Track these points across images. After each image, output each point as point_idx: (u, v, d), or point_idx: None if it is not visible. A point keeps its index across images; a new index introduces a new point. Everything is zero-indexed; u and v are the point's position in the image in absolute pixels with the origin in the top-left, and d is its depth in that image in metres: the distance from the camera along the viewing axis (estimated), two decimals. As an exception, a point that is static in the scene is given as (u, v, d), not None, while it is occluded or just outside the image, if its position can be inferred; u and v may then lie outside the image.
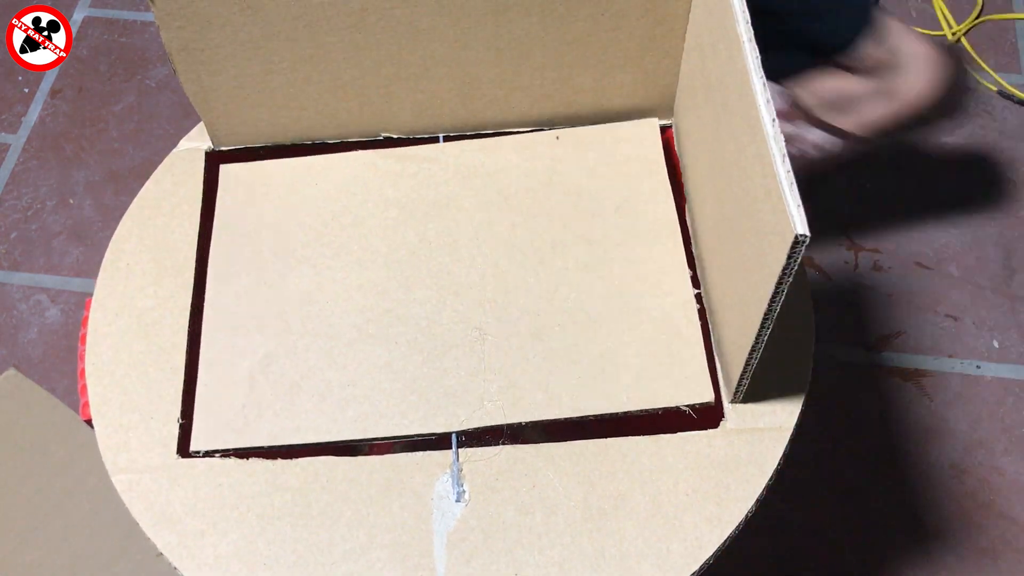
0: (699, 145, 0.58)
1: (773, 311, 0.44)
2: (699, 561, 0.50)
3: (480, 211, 0.62)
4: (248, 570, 0.50)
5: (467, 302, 0.58)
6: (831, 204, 1.06)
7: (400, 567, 0.50)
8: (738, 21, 0.46)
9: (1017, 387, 0.94)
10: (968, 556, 0.85)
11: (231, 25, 0.57)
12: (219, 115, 0.64)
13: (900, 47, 0.76)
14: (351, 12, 0.57)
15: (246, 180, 0.64)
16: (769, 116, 0.42)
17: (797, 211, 0.39)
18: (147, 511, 0.51)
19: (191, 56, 0.59)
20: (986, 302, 0.99)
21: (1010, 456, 0.90)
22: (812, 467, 0.90)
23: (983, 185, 1.07)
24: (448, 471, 0.52)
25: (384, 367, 0.56)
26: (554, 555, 0.50)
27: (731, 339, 0.52)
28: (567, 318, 0.57)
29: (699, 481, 0.52)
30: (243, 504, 0.52)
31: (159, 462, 0.53)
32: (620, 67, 0.62)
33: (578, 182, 0.63)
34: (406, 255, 0.61)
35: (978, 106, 1.13)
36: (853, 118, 0.79)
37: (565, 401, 0.54)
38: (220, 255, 0.61)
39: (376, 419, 0.54)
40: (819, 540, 0.87)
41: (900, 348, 0.97)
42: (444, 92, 0.63)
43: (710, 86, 0.53)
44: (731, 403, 0.54)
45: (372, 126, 0.66)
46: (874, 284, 1.01)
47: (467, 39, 0.60)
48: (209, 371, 0.56)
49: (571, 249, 0.60)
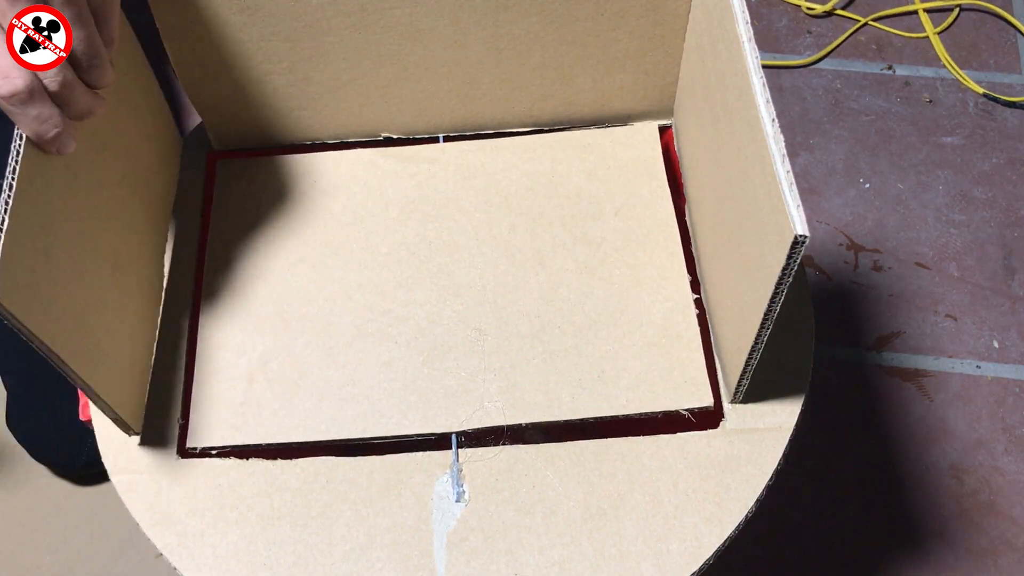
0: (699, 145, 0.58)
1: (773, 311, 0.44)
2: (699, 561, 0.50)
3: (480, 212, 0.62)
4: (248, 570, 0.50)
5: (467, 302, 0.58)
6: (831, 204, 1.06)
7: (400, 567, 0.50)
8: (738, 21, 0.46)
9: (1017, 387, 0.94)
10: (968, 556, 0.85)
11: (231, 25, 0.57)
12: (219, 115, 0.64)
13: None
14: (351, 12, 0.57)
15: (245, 179, 0.64)
16: (769, 116, 0.42)
17: (797, 211, 0.39)
18: (147, 511, 0.51)
19: (190, 56, 0.59)
20: (986, 302, 0.99)
21: (1010, 456, 0.90)
22: (812, 467, 0.90)
23: (983, 185, 1.07)
24: (448, 471, 0.52)
25: (384, 367, 0.56)
26: (554, 555, 0.50)
27: (731, 339, 0.52)
28: (567, 320, 0.57)
29: (699, 481, 0.52)
30: (243, 504, 0.52)
31: (159, 462, 0.53)
32: (620, 67, 0.62)
33: (578, 184, 0.63)
34: (406, 255, 0.61)
35: (978, 106, 1.13)
36: None
37: (565, 403, 0.54)
38: (218, 254, 0.61)
39: (376, 419, 0.54)
40: (819, 540, 0.87)
41: (900, 348, 0.97)
42: (444, 92, 0.63)
43: (710, 86, 0.53)
44: (731, 403, 0.54)
45: (372, 126, 0.66)
46: (874, 284, 1.01)
47: (467, 39, 0.60)
48: (207, 369, 0.56)
49: (571, 250, 0.60)
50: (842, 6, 1.21)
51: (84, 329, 0.47)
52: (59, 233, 0.45)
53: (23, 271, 0.41)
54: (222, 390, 0.56)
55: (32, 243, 0.42)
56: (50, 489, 0.88)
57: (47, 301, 0.43)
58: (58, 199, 0.45)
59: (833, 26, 1.20)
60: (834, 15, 1.21)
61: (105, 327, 0.50)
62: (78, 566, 0.85)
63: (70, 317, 0.45)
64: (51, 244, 0.44)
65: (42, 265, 0.43)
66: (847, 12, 1.20)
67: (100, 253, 0.50)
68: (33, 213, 0.42)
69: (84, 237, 0.48)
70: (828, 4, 1.20)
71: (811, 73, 1.17)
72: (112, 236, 0.52)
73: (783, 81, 1.16)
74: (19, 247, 0.41)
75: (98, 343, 0.48)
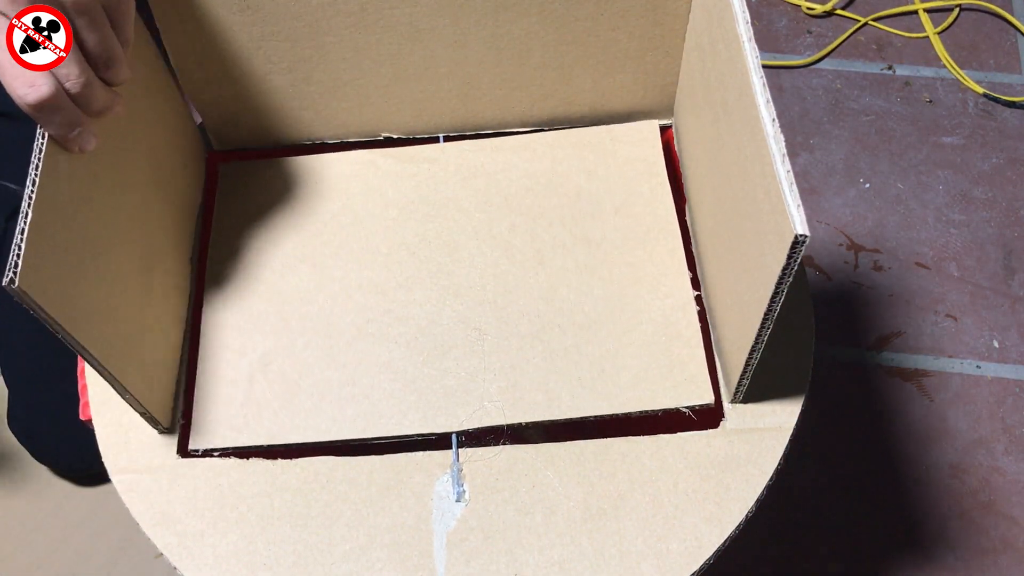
0: (699, 145, 0.58)
1: (773, 311, 0.44)
2: (699, 561, 0.50)
3: (480, 211, 0.62)
4: (248, 570, 0.50)
5: (467, 302, 0.58)
6: (831, 204, 1.06)
7: (400, 567, 0.50)
8: (738, 21, 0.46)
9: (1017, 387, 0.94)
10: (968, 556, 0.85)
11: (231, 25, 0.57)
12: (219, 115, 0.64)
13: None
14: (351, 12, 0.57)
15: (245, 179, 0.64)
16: (769, 116, 0.42)
17: (797, 211, 0.39)
18: (147, 511, 0.51)
19: (191, 56, 0.59)
20: (986, 302, 0.99)
21: (1010, 456, 0.90)
22: (812, 467, 0.90)
23: (983, 185, 1.07)
24: (448, 471, 0.52)
25: (384, 367, 0.56)
26: (554, 555, 0.50)
27: (731, 339, 0.52)
28: (567, 319, 0.57)
29: (699, 481, 0.52)
30: (243, 504, 0.52)
31: (159, 462, 0.53)
32: (620, 67, 0.62)
33: (578, 183, 0.63)
34: (406, 255, 0.60)
35: (978, 106, 1.13)
36: None
37: (565, 402, 0.54)
38: (219, 254, 0.61)
39: (376, 419, 0.54)
40: (819, 540, 0.87)
41: (900, 348, 0.97)
42: (444, 92, 0.63)
43: (710, 86, 0.53)
44: (731, 403, 0.54)
45: (372, 126, 0.66)
46: (874, 284, 1.01)
47: (467, 39, 0.60)
48: (208, 370, 0.56)
49: (571, 250, 0.60)
50: (842, 6, 1.21)
51: (111, 324, 0.47)
52: (83, 230, 0.46)
53: (47, 263, 0.42)
54: (223, 390, 0.56)
55: (55, 237, 0.43)
56: (50, 489, 0.88)
57: (73, 295, 0.44)
58: (81, 197, 0.46)
59: (833, 26, 1.20)
60: (834, 15, 1.21)
61: (133, 323, 0.50)
62: (78, 566, 0.85)
63: (97, 312, 0.46)
64: (74, 240, 0.45)
65: (67, 259, 0.44)
66: (847, 12, 1.20)
67: (126, 251, 0.51)
68: (56, 208, 0.43)
69: (109, 235, 0.49)
70: (828, 4, 1.20)
71: (811, 73, 1.17)
72: (138, 235, 0.52)
73: (783, 81, 1.16)
74: (43, 240, 0.42)
75: (126, 338, 0.49)
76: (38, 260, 0.41)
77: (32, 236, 0.41)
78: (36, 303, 0.40)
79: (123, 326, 0.49)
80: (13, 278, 0.39)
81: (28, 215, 0.41)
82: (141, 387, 0.50)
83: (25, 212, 0.41)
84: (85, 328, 0.44)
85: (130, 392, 0.48)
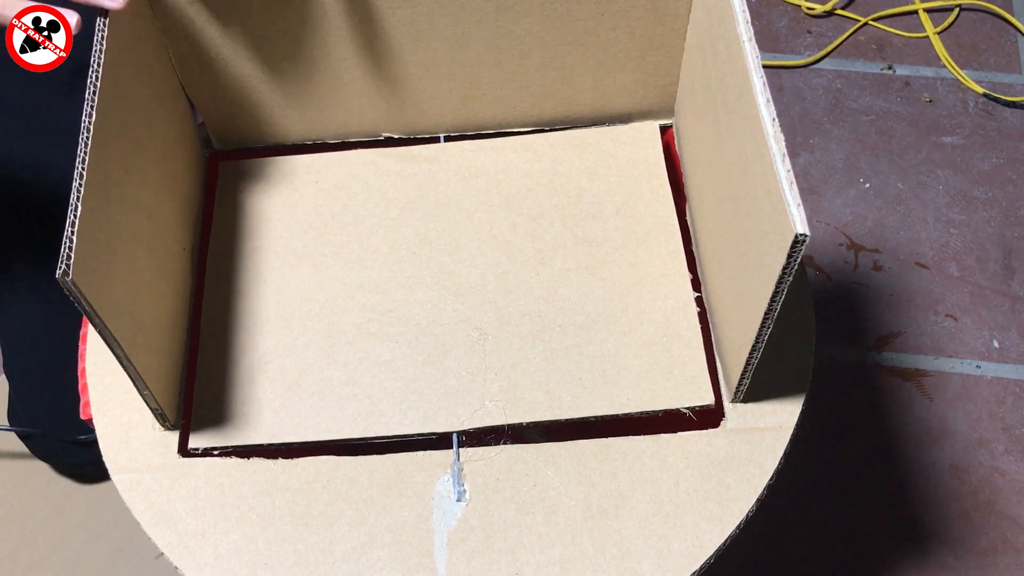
0: (699, 145, 0.58)
1: (773, 311, 0.44)
2: (700, 560, 0.50)
3: (481, 211, 0.62)
4: (248, 570, 0.50)
5: (468, 302, 0.58)
6: (831, 204, 1.06)
7: (401, 567, 0.50)
8: (738, 21, 0.46)
9: (1017, 387, 0.94)
10: (968, 556, 0.85)
11: (231, 25, 0.57)
12: (220, 115, 0.64)
13: None
14: (351, 12, 0.57)
15: (246, 178, 0.64)
16: (769, 116, 0.42)
17: (797, 211, 0.39)
18: (147, 511, 0.51)
19: (192, 56, 0.59)
20: (986, 302, 0.99)
21: (1010, 456, 0.90)
22: (812, 467, 0.90)
23: (983, 185, 1.07)
24: (449, 471, 0.53)
25: (385, 366, 0.56)
26: (555, 554, 0.50)
27: (731, 339, 0.52)
28: (567, 319, 0.58)
29: (700, 481, 0.52)
30: (243, 504, 0.52)
31: (160, 462, 0.53)
32: (620, 67, 0.62)
33: (579, 183, 0.63)
34: (407, 255, 0.61)
35: (978, 106, 1.13)
36: None
37: (566, 402, 0.54)
38: (219, 253, 0.61)
39: (377, 418, 0.54)
40: (819, 540, 0.87)
41: (900, 348, 0.97)
42: (445, 92, 0.63)
43: (710, 86, 0.53)
44: (732, 403, 0.54)
45: (373, 126, 0.66)
46: (874, 284, 1.01)
47: (468, 39, 0.60)
48: (208, 369, 0.56)
49: (571, 250, 0.60)
50: (842, 6, 1.21)
51: (134, 319, 0.48)
52: (117, 224, 0.47)
53: (92, 256, 0.42)
54: (223, 389, 0.56)
55: (98, 231, 0.44)
56: (50, 489, 0.88)
57: (110, 288, 0.45)
58: (115, 192, 0.47)
59: (833, 26, 1.20)
60: (834, 15, 1.21)
61: (149, 319, 0.51)
62: (78, 566, 0.85)
63: (124, 306, 0.47)
64: (112, 235, 0.46)
65: (106, 253, 0.45)
66: (847, 12, 1.20)
67: (144, 246, 0.51)
68: (99, 203, 0.44)
69: (132, 231, 0.49)
70: (828, 4, 1.20)
71: (811, 73, 1.17)
72: (151, 231, 0.53)
73: (783, 81, 1.16)
74: (90, 233, 0.42)
75: (146, 333, 0.50)
76: (85, 253, 0.41)
77: (82, 229, 0.41)
78: (83, 295, 0.41)
79: (143, 321, 0.50)
80: (67, 270, 0.39)
81: (78, 208, 0.41)
82: (156, 383, 0.50)
83: (74, 205, 0.41)
84: (118, 321, 0.45)
85: (149, 388, 0.49)
